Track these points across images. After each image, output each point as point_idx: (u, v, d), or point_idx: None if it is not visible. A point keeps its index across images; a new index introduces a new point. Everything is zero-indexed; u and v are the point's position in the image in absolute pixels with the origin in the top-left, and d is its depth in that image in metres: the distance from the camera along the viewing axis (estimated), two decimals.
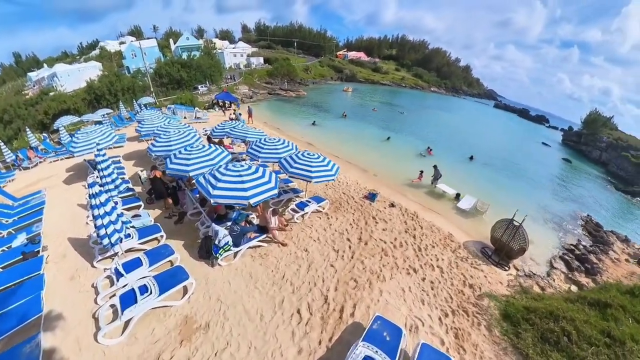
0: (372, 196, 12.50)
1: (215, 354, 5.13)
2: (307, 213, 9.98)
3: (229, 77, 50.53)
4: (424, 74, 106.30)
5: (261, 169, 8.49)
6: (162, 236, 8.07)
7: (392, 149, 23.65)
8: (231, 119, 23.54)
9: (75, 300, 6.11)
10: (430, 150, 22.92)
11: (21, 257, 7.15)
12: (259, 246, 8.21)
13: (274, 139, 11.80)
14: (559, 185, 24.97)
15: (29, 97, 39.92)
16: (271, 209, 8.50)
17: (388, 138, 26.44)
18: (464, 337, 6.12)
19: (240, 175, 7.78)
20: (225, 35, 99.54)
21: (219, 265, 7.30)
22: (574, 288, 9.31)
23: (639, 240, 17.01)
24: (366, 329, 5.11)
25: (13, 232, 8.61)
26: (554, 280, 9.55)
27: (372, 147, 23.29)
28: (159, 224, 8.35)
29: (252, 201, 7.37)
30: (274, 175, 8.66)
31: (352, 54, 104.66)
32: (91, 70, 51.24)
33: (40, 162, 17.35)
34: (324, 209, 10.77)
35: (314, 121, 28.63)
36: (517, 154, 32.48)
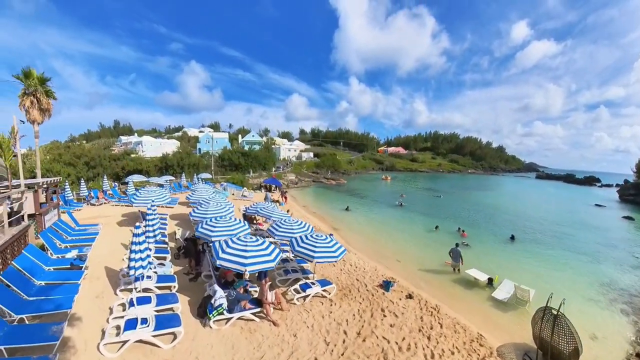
0: (387, 284, 10.89)
1: None
2: (308, 295, 9.06)
3: (281, 167, 55.79)
4: (459, 158, 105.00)
5: (268, 243, 8.68)
6: (174, 286, 8.63)
7: (431, 235, 20.46)
8: (273, 200, 25.11)
9: (94, 312, 7.29)
10: (464, 231, 20.32)
11: (69, 266, 8.98)
12: (252, 320, 7.69)
13: (293, 220, 12.20)
14: (623, 251, 18.91)
15: (114, 152, 47.86)
16: (269, 282, 8.11)
17: (436, 227, 21.55)
18: None
19: (246, 245, 8.14)
20: (285, 135, 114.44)
21: (210, 327, 7.05)
22: None
23: None
24: None
25: (69, 247, 10.83)
26: None
27: (400, 233, 21.26)
28: (175, 276, 9.20)
29: (247, 269, 7.46)
30: (277, 251, 8.65)
31: (392, 149, 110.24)
32: (170, 146, 61.51)
33: (105, 203, 21.02)
34: (329, 294, 9.64)
35: (347, 206, 28.36)
36: (566, 224, 26.63)
